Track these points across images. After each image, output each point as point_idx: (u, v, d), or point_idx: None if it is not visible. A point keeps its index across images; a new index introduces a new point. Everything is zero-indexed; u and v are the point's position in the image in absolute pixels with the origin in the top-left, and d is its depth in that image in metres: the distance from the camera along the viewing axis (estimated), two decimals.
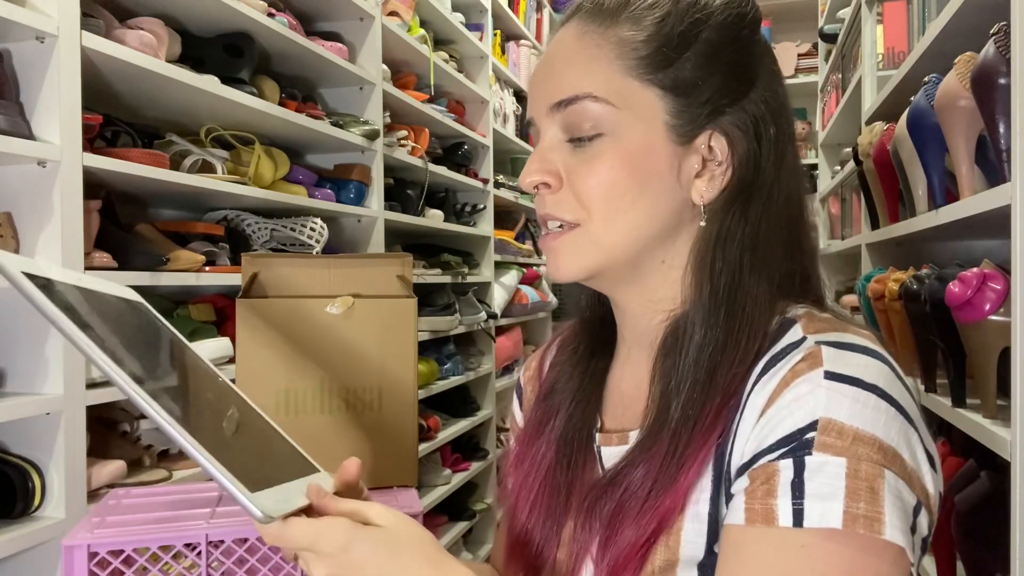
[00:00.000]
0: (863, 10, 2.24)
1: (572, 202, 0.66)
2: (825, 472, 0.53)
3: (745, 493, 0.56)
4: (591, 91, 0.64)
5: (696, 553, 0.60)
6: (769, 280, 0.65)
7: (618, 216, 0.65)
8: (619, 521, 0.62)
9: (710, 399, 0.61)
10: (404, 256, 1.16)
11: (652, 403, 0.66)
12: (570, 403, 0.74)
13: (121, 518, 0.96)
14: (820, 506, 0.53)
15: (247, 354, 1.05)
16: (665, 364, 0.66)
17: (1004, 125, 1.10)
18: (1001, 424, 1.15)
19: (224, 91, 1.63)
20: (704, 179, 0.66)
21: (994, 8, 1.19)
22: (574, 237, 0.66)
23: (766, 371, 0.60)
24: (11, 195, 1.28)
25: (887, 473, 0.53)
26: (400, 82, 2.56)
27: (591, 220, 0.65)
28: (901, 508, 0.53)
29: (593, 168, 0.65)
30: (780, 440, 0.56)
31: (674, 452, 0.61)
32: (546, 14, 4.22)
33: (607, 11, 0.66)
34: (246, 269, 1.10)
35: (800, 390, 0.57)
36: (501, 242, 3.39)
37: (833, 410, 0.55)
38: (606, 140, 0.65)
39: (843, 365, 0.57)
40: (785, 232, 0.66)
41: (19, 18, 1.19)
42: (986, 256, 1.21)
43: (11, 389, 1.28)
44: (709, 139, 0.65)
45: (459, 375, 2.86)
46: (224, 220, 1.88)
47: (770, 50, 0.70)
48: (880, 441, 0.54)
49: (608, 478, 0.65)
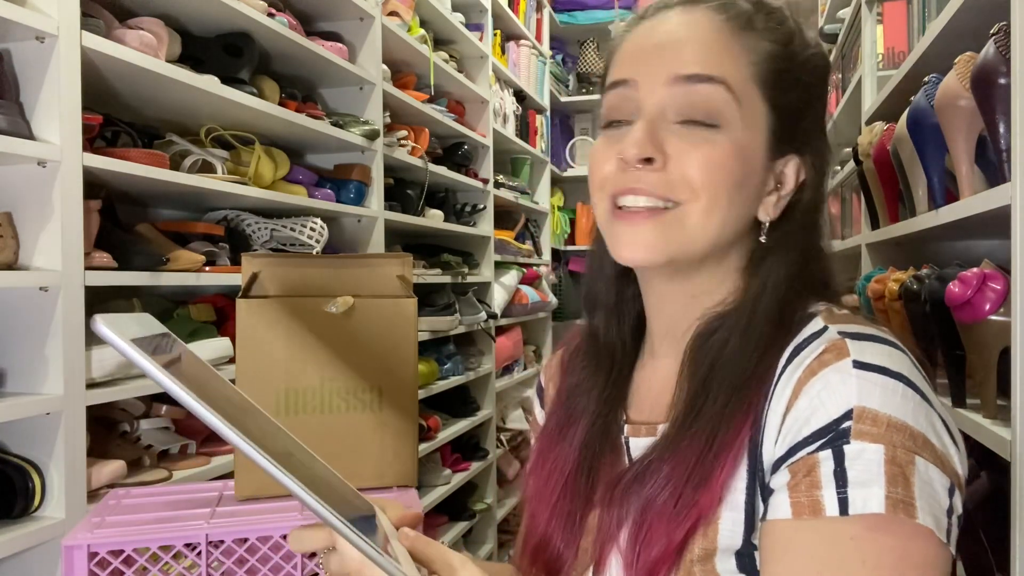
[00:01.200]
0: (863, 10, 2.24)
1: (679, 183, 0.65)
2: (863, 459, 0.54)
3: (788, 487, 0.57)
4: (727, 79, 0.65)
5: (734, 542, 0.60)
6: (807, 289, 0.68)
7: (718, 208, 0.65)
8: (651, 515, 0.62)
9: (743, 394, 0.62)
10: (404, 256, 1.16)
11: (682, 396, 0.66)
12: (594, 407, 0.74)
13: (121, 518, 0.96)
14: (863, 492, 0.54)
15: (247, 354, 1.05)
16: (698, 358, 0.67)
17: (1004, 125, 1.10)
18: (1001, 424, 1.15)
19: (224, 91, 1.63)
20: (773, 198, 0.69)
21: (994, 8, 1.19)
22: (671, 217, 0.65)
23: (791, 360, 0.61)
24: (11, 195, 1.28)
25: (918, 460, 0.55)
26: (400, 82, 2.56)
27: (696, 202, 0.65)
28: (931, 494, 0.55)
29: (708, 154, 0.64)
30: (817, 432, 0.57)
31: (710, 446, 0.61)
32: (546, 14, 4.22)
33: (739, 14, 0.67)
34: (246, 269, 1.10)
35: (830, 379, 0.58)
36: (501, 242, 3.39)
37: (866, 398, 0.56)
38: (721, 132, 0.65)
39: (869, 354, 0.58)
40: (816, 244, 0.71)
41: (19, 18, 1.19)
42: (986, 256, 1.21)
43: (11, 389, 1.28)
44: (785, 165, 0.69)
45: (459, 375, 2.86)
46: (224, 220, 1.88)
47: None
48: (911, 428, 0.55)
49: (637, 470, 0.66)
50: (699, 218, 0.65)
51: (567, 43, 4.67)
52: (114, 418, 1.53)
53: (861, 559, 0.53)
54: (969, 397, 1.31)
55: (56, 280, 1.25)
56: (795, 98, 0.68)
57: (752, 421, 0.61)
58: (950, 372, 1.34)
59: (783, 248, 0.68)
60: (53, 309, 1.25)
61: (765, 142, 0.67)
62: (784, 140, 0.68)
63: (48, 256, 1.26)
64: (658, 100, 0.65)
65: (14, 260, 1.25)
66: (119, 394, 1.37)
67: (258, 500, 1.03)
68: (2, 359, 1.28)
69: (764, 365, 0.63)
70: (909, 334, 1.49)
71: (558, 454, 0.74)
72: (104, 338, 0.46)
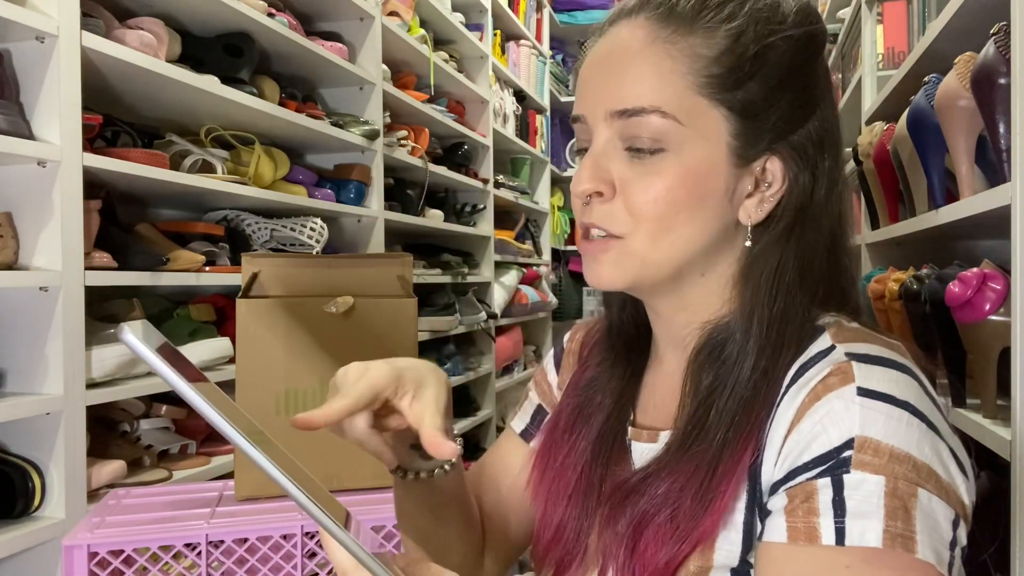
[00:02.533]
0: (863, 10, 2.24)
1: (623, 215, 0.64)
2: (863, 490, 0.53)
3: (785, 512, 0.56)
4: (660, 106, 0.62)
5: (730, 560, 0.59)
6: (811, 298, 0.65)
7: (667, 233, 0.63)
8: (647, 533, 0.61)
9: (747, 410, 0.61)
10: (404, 256, 1.16)
11: (685, 409, 0.65)
12: (609, 404, 0.73)
13: (121, 518, 0.96)
14: (860, 523, 0.53)
15: (247, 354, 1.05)
16: (700, 371, 0.65)
17: (1004, 125, 1.10)
18: (1001, 424, 1.15)
19: (224, 91, 1.63)
20: (754, 200, 0.65)
21: (994, 8, 1.19)
22: (619, 249, 0.64)
23: (795, 380, 0.60)
24: (11, 195, 1.28)
25: (920, 492, 0.53)
26: (400, 82, 2.56)
27: (637, 234, 0.63)
28: (932, 527, 0.53)
29: (651, 184, 0.63)
30: (817, 458, 0.55)
31: (713, 469, 0.60)
32: (546, 14, 4.22)
33: (681, 17, 0.63)
34: (246, 269, 1.10)
35: (833, 406, 0.56)
36: (501, 242, 3.39)
37: (868, 428, 0.54)
38: (667, 156, 0.62)
39: (875, 381, 0.56)
40: (826, 252, 0.66)
41: (19, 18, 1.19)
42: (986, 256, 1.21)
43: (11, 389, 1.28)
44: (765, 162, 0.65)
45: (459, 375, 2.86)
46: (224, 220, 1.88)
47: (829, 73, 0.69)
48: (914, 459, 0.54)
49: (636, 482, 0.65)
50: (645, 246, 0.64)
51: (567, 43, 4.68)
52: (114, 418, 1.53)
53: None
54: (969, 397, 1.30)
55: (56, 280, 1.25)
56: (756, 91, 0.63)
57: (755, 442, 0.60)
58: (950, 372, 1.33)
59: (772, 250, 0.65)
60: (53, 309, 1.25)
61: (728, 149, 0.63)
62: (755, 139, 0.63)
63: (48, 256, 1.26)
64: (602, 135, 0.65)
65: (14, 260, 1.25)
66: (119, 394, 1.38)
67: (258, 500, 1.03)
68: (2, 359, 1.28)
69: (767, 382, 0.61)
70: (909, 334, 1.49)
71: (572, 446, 0.73)
72: (131, 347, 0.47)
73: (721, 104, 0.62)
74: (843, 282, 0.68)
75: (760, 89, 0.63)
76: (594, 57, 0.67)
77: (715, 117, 0.63)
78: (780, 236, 0.65)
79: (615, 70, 0.64)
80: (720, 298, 0.67)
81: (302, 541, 0.94)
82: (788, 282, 0.64)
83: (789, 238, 0.65)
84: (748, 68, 0.62)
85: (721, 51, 0.62)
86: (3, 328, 1.28)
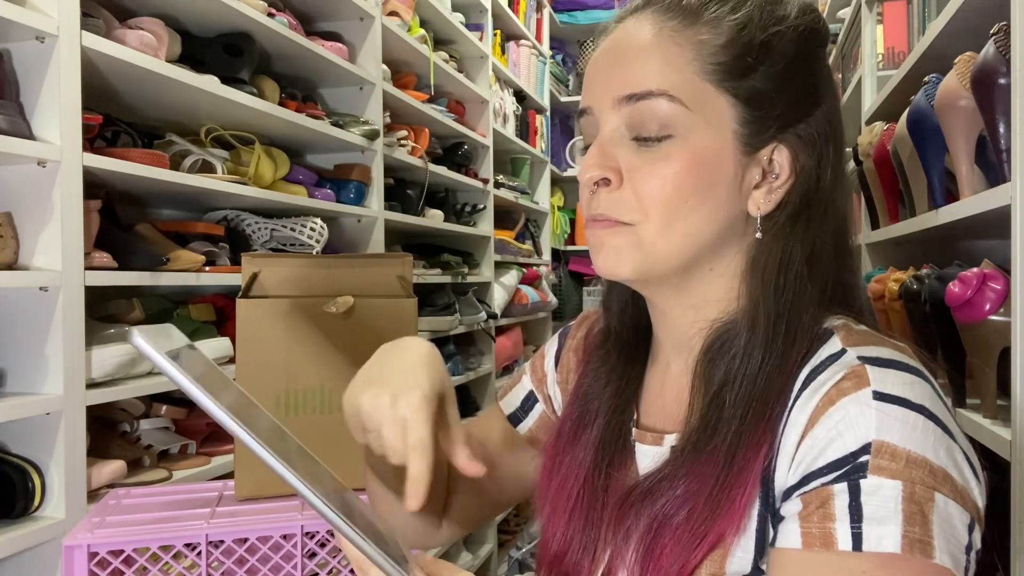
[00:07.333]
0: (863, 10, 2.24)
1: (631, 202, 0.64)
2: (880, 495, 0.53)
3: (800, 517, 0.55)
4: (667, 89, 0.62)
5: (743, 567, 0.59)
6: (821, 292, 0.64)
7: (676, 222, 0.63)
8: (664, 535, 0.61)
9: (759, 411, 0.60)
10: (404, 256, 1.16)
11: (695, 409, 0.64)
12: (608, 409, 0.73)
13: (121, 518, 0.96)
14: (878, 529, 0.52)
15: (247, 354, 1.05)
16: (709, 372, 0.64)
17: (1004, 125, 1.10)
18: (1001, 424, 1.15)
19: (224, 91, 1.63)
20: (763, 191, 0.65)
21: (994, 8, 1.19)
22: (627, 237, 0.64)
23: (807, 384, 0.59)
24: (11, 195, 1.28)
25: (937, 496, 0.53)
26: (400, 82, 2.56)
27: (647, 223, 0.63)
28: (949, 531, 0.53)
29: (659, 170, 0.63)
30: (832, 463, 0.55)
31: (728, 468, 0.60)
32: (546, 14, 4.22)
33: (687, 9, 0.64)
34: (246, 269, 1.10)
35: (848, 410, 0.55)
36: (501, 242, 3.39)
37: (885, 432, 0.54)
38: (675, 142, 0.62)
39: (890, 385, 0.56)
40: (832, 247, 0.66)
41: (19, 18, 1.19)
42: (986, 256, 1.21)
43: (11, 389, 1.28)
44: (772, 152, 0.65)
45: (459, 375, 2.86)
46: (224, 220, 1.88)
47: (830, 68, 0.70)
48: (931, 463, 0.54)
49: (648, 485, 0.64)
50: (654, 236, 0.63)
51: (567, 43, 4.68)
52: (114, 418, 1.53)
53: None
54: (969, 397, 1.31)
55: (56, 280, 1.25)
56: (762, 80, 0.63)
57: (768, 442, 0.59)
58: (950, 372, 1.33)
59: (779, 241, 0.64)
60: (53, 309, 1.25)
61: (735, 136, 0.63)
62: (762, 128, 0.64)
63: (48, 256, 1.26)
64: (609, 123, 0.65)
65: (14, 260, 1.25)
66: (119, 394, 1.38)
67: (258, 500, 1.03)
68: (2, 359, 1.28)
69: (778, 384, 0.61)
70: (909, 334, 1.49)
71: (573, 458, 0.73)
72: (142, 352, 0.47)
73: (728, 91, 0.63)
74: (848, 278, 0.68)
75: (766, 78, 0.64)
76: (601, 52, 0.68)
77: (722, 104, 0.63)
78: (787, 226, 0.65)
79: (622, 60, 0.65)
80: (728, 295, 0.67)
81: (302, 541, 0.94)
82: (796, 273, 0.64)
83: (796, 228, 0.65)
84: (754, 57, 0.63)
85: (727, 40, 0.63)
86: (3, 328, 1.28)
